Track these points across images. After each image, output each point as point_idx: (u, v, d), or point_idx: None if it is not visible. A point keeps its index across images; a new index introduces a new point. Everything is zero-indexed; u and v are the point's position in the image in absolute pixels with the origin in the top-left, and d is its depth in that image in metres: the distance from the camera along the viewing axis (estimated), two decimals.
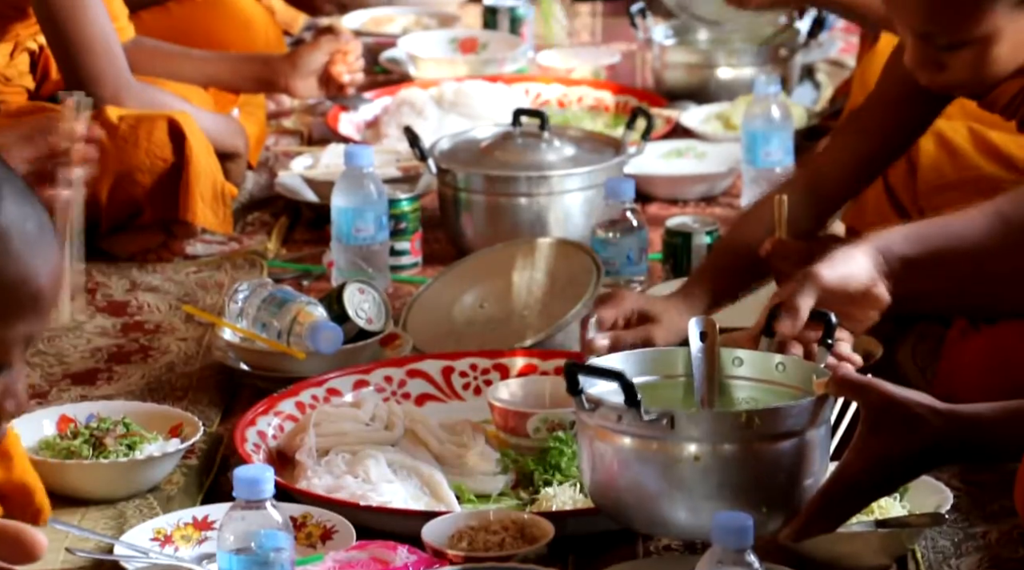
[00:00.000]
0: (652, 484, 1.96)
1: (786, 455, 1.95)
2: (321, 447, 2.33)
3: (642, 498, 1.97)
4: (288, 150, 3.62)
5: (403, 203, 3.03)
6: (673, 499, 1.96)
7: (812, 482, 1.97)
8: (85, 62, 3.04)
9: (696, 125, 3.62)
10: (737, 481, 1.94)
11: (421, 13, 4.42)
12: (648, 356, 2.13)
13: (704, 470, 1.94)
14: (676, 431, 1.94)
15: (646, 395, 1.97)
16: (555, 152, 3.07)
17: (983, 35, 2.25)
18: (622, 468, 1.97)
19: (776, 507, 1.97)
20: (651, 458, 1.95)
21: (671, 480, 1.95)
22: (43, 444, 2.33)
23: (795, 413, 1.95)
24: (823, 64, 4.02)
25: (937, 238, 2.08)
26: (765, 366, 2.08)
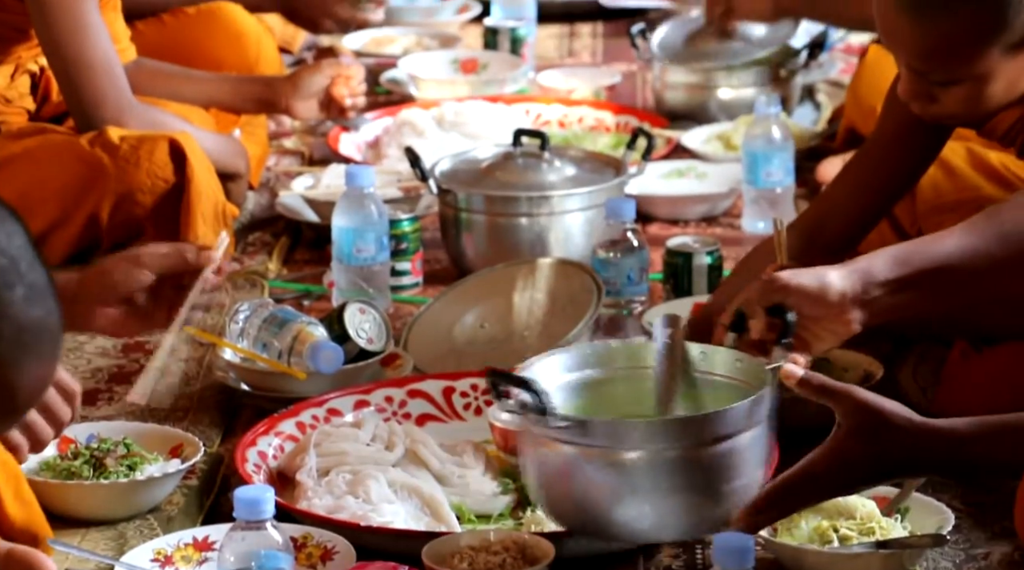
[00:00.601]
0: (570, 486, 2.00)
1: (710, 459, 1.97)
2: (322, 467, 2.33)
3: (565, 500, 2.02)
4: (289, 170, 3.63)
5: (404, 223, 3.03)
6: (595, 501, 1.99)
7: (743, 483, 1.99)
8: (87, 83, 3.04)
9: (697, 145, 3.63)
10: (655, 485, 1.97)
11: (422, 34, 4.43)
12: (624, 348, 2.17)
13: (622, 473, 1.97)
14: (589, 437, 1.97)
15: (615, 386, 2.04)
16: (556, 172, 3.07)
17: (977, 75, 2.27)
18: (547, 471, 2.03)
19: (701, 510, 1.98)
20: (566, 462, 2.00)
21: (588, 483, 1.99)
22: (44, 465, 2.33)
23: (715, 421, 1.97)
24: (823, 84, 4.03)
25: (921, 260, 2.08)
26: (726, 361, 2.10)
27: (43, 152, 3.07)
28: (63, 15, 3.00)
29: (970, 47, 2.26)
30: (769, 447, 2.05)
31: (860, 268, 2.07)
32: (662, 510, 1.99)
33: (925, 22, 2.26)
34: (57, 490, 2.27)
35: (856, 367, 2.56)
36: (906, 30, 2.28)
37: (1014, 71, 2.28)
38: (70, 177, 3.04)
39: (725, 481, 1.99)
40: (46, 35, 3.03)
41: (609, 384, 2.15)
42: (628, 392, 2.16)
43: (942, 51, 2.27)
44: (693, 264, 2.88)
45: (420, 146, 3.36)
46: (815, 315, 2.07)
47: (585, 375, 2.16)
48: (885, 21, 2.31)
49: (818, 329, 2.08)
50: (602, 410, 2.13)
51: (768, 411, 2.02)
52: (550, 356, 2.15)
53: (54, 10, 3.00)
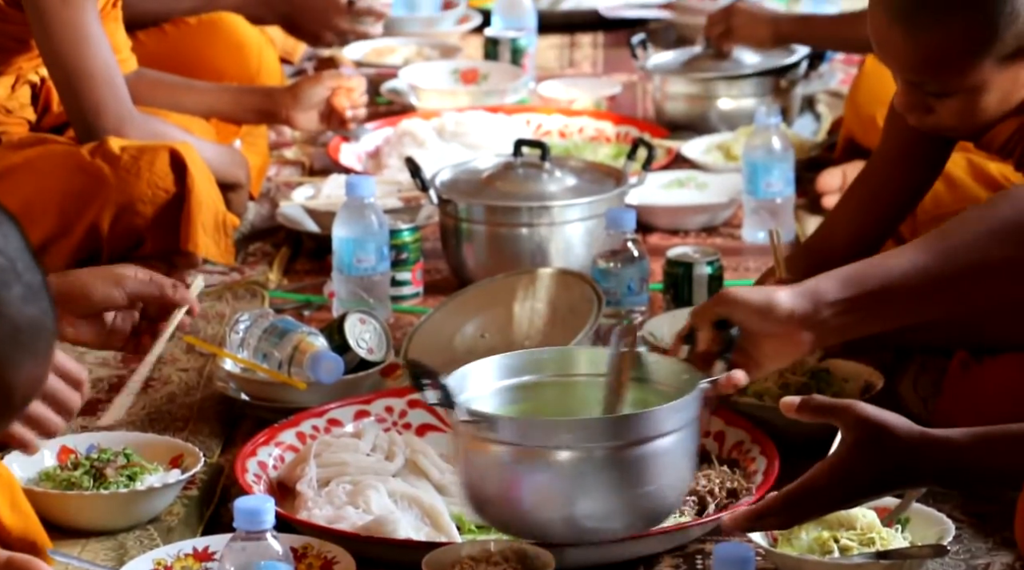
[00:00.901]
0: (479, 480, 2.05)
1: (620, 460, 1.99)
2: (322, 478, 2.33)
3: (475, 492, 2.06)
4: (290, 180, 3.63)
5: (404, 233, 3.03)
6: (510, 499, 2.02)
7: (656, 486, 2.01)
8: (87, 94, 3.05)
9: (697, 156, 3.63)
10: (564, 484, 1.99)
11: (423, 44, 4.43)
12: (559, 354, 2.20)
13: (525, 470, 2.00)
14: (498, 434, 2.01)
15: (550, 391, 2.08)
16: (556, 182, 3.07)
17: (971, 86, 2.28)
18: (463, 464, 2.08)
19: (615, 512, 2.01)
20: (474, 456, 2.05)
21: (496, 478, 2.02)
22: (43, 475, 2.33)
23: (623, 424, 2.00)
24: (823, 95, 4.03)
25: (870, 281, 2.07)
26: (672, 372, 2.11)
27: (44, 162, 3.07)
28: (64, 26, 3.00)
29: (962, 59, 2.27)
30: (694, 453, 2.06)
31: (809, 289, 2.06)
32: (572, 510, 2.01)
33: (917, 34, 2.27)
34: (57, 500, 2.26)
35: (857, 377, 2.56)
36: (899, 42, 2.29)
37: (1008, 82, 2.29)
38: (71, 187, 3.04)
39: (638, 484, 2.01)
40: (47, 46, 3.03)
41: (544, 389, 2.17)
42: (562, 397, 2.18)
43: (935, 63, 2.28)
44: (693, 274, 2.88)
45: (421, 156, 3.36)
46: (762, 332, 2.06)
47: (521, 380, 2.17)
48: (878, 34, 2.32)
49: (768, 348, 2.08)
50: (535, 414, 2.15)
51: (691, 419, 2.03)
52: (487, 361, 2.17)
53: (55, 21, 3.00)
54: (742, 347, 2.07)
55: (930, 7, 2.26)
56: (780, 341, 2.06)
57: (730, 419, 2.44)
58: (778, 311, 2.04)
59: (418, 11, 4.69)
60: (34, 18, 3.01)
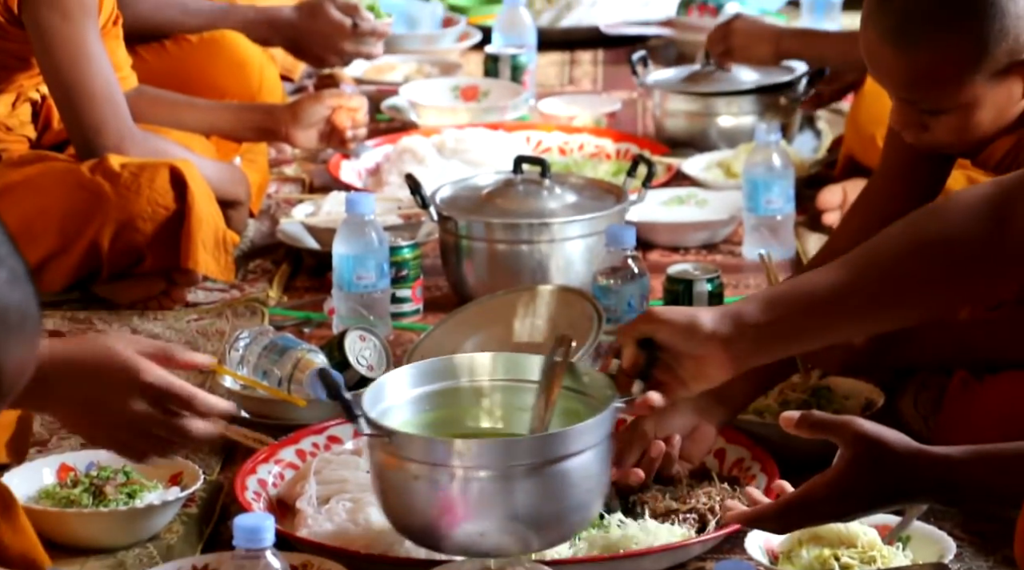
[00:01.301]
0: (387, 492, 2.05)
1: (520, 480, 1.99)
2: (322, 495, 2.32)
3: (385, 503, 2.07)
4: (290, 198, 3.63)
5: (404, 250, 3.03)
6: (411, 511, 2.03)
7: (557, 508, 2.00)
8: (88, 112, 3.05)
9: (697, 173, 3.63)
10: (469, 500, 1.99)
11: (423, 61, 4.44)
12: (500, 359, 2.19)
13: (424, 485, 1.99)
14: (397, 448, 2.01)
15: (465, 399, 2.09)
16: (556, 199, 3.07)
17: (963, 103, 2.28)
18: (372, 474, 2.09)
19: (506, 530, 2.00)
20: (379, 471, 2.05)
21: (401, 493, 2.02)
22: (43, 493, 2.33)
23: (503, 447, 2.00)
24: (824, 112, 4.03)
25: (788, 301, 2.06)
26: (599, 386, 2.10)
27: (44, 180, 3.07)
28: (64, 44, 3.00)
29: (954, 77, 2.27)
30: (604, 470, 2.06)
31: (731, 311, 2.06)
32: (473, 526, 2.01)
33: (908, 53, 2.28)
34: (56, 518, 2.26)
35: (857, 395, 2.56)
36: (890, 61, 2.30)
37: (1001, 98, 2.29)
38: (71, 205, 3.04)
39: (543, 503, 2.01)
40: (47, 64, 3.03)
41: (460, 395, 2.17)
42: (479, 403, 2.17)
43: (926, 81, 2.29)
44: (694, 291, 2.88)
45: (421, 173, 3.36)
46: (685, 352, 2.06)
47: (437, 387, 2.17)
48: (870, 52, 2.33)
49: (693, 368, 2.07)
50: (449, 423, 2.15)
51: (601, 438, 2.03)
52: (403, 369, 2.18)
53: (55, 39, 3.00)
54: (668, 367, 2.07)
55: (919, 26, 2.27)
56: (703, 362, 2.06)
57: (731, 436, 2.44)
58: (700, 331, 2.04)
59: (418, 28, 4.69)
60: (35, 36, 3.01)
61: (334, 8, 3.83)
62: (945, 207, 2.02)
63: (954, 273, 1.99)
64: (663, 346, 2.05)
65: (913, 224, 2.03)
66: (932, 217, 2.03)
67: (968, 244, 1.98)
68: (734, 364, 2.05)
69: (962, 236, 1.98)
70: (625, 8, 4.90)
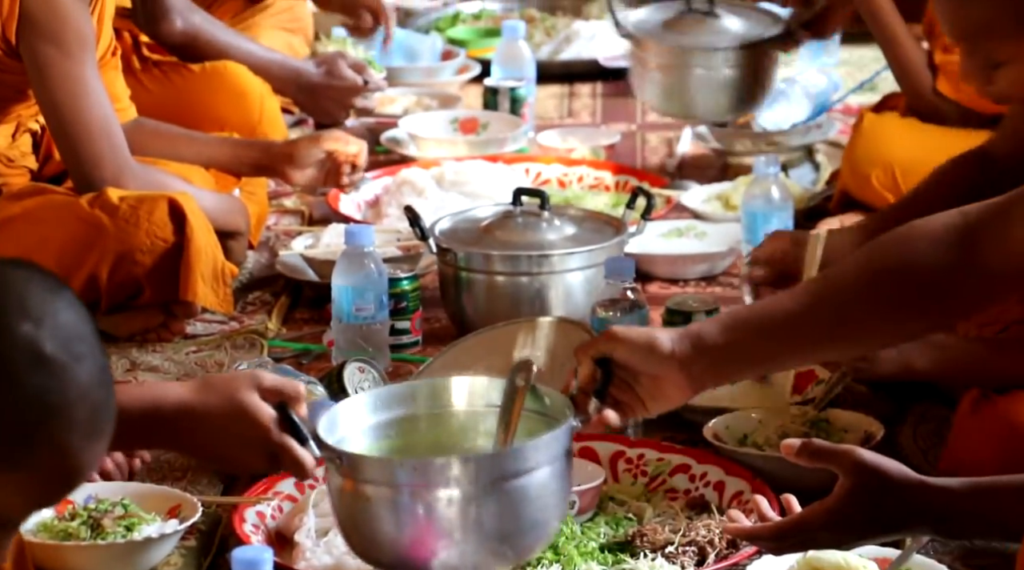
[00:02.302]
0: (343, 517, 2.04)
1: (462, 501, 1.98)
2: (320, 528, 2.32)
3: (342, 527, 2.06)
4: (289, 229, 3.63)
5: (403, 282, 3.03)
6: (361, 532, 2.02)
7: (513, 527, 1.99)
8: (85, 146, 3.05)
9: (696, 205, 3.63)
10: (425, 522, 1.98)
11: (422, 93, 4.44)
12: (430, 387, 2.18)
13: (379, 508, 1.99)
14: (354, 471, 2.00)
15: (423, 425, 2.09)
16: (555, 231, 3.07)
17: (1022, 55, 2.28)
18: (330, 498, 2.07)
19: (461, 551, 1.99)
20: (334, 495, 2.04)
21: (357, 514, 2.01)
22: (41, 526, 2.32)
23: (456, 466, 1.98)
24: (822, 145, 4.04)
25: (748, 323, 2.05)
26: (559, 407, 2.09)
27: (43, 212, 3.07)
28: (62, 78, 3.01)
29: (1010, 27, 2.27)
30: (561, 488, 2.04)
31: (691, 332, 2.06)
32: (426, 548, 2.00)
33: (966, 4, 2.29)
34: (54, 551, 2.25)
35: (856, 428, 2.56)
36: (949, 13, 2.31)
37: None
38: (70, 237, 3.04)
39: (498, 522, 1.99)
40: (45, 97, 3.04)
41: (418, 423, 2.15)
42: (437, 431, 2.17)
43: (984, 32, 2.29)
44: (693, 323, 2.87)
45: (420, 205, 3.37)
46: (643, 371, 2.05)
47: (394, 415, 2.16)
48: (934, 4, 2.35)
49: (652, 389, 2.06)
50: (408, 450, 2.14)
51: (557, 455, 2.02)
52: (359, 397, 2.17)
53: (53, 72, 3.01)
54: (627, 386, 2.06)
55: None
56: (661, 382, 2.05)
57: (730, 469, 2.44)
58: (659, 351, 2.03)
59: (418, 61, 4.70)
60: (32, 69, 3.02)
61: (346, 66, 3.95)
62: (908, 235, 2.01)
63: (914, 302, 1.99)
64: (622, 365, 2.04)
65: (875, 251, 2.02)
66: (895, 245, 2.01)
67: (931, 273, 1.97)
68: (691, 385, 2.04)
69: (925, 265, 1.97)
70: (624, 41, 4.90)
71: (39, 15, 2.98)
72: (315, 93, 4.03)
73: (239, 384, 2.07)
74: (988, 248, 1.95)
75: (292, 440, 2.06)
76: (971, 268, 1.96)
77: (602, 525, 2.36)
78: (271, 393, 2.08)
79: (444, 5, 5.28)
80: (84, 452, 1.46)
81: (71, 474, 1.47)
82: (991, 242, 1.95)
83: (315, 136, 3.53)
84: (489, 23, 5.14)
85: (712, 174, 3.90)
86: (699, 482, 2.46)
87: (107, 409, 1.47)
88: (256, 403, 2.06)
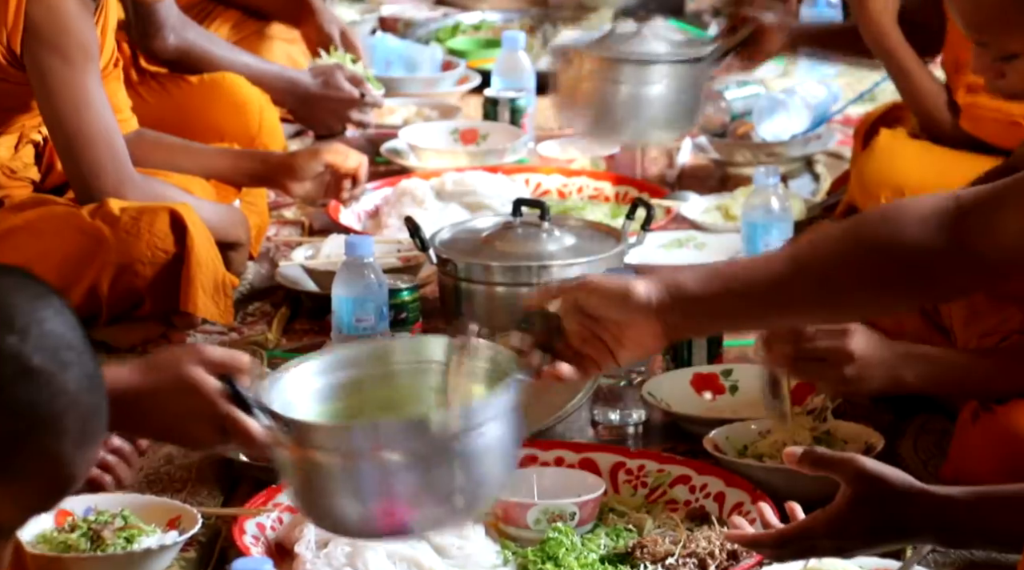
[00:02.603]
0: (292, 482, 2.01)
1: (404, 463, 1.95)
2: (320, 539, 2.32)
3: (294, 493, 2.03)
4: (289, 240, 3.63)
5: (404, 293, 3.03)
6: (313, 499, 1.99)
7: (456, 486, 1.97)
8: (87, 157, 3.05)
9: (696, 216, 3.63)
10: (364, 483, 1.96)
11: (422, 104, 4.45)
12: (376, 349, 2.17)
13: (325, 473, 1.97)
14: (302, 438, 1.98)
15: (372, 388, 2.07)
16: (555, 242, 3.07)
17: None
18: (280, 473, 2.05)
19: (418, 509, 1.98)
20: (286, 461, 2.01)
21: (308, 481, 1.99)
22: (40, 538, 2.32)
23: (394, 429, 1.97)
24: (822, 156, 4.04)
25: (729, 279, 2.03)
26: (505, 361, 2.08)
27: (44, 224, 3.07)
28: (65, 88, 3.01)
29: (1019, 18, 2.25)
30: (508, 446, 2.02)
31: (667, 279, 2.03)
32: (371, 508, 1.98)
33: None
34: (54, 563, 2.25)
35: (857, 439, 2.56)
36: (963, 4, 2.28)
37: None
38: (71, 248, 3.04)
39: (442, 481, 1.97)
40: (47, 108, 3.04)
41: (364, 384, 2.13)
42: (384, 391, 2.15)
43: (996, 23, 2.26)
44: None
45: (420, 216, 3.37)
46: (617, 319, 2.04)
47: (340, 378, 2.15)
48: None
49: (624, 338, 2.03)
50: (356, 411, 2.13)
51: (503, 411, 2.00)
52: (304, 363, 2.15)
53: (56, 83, 3.01)
54: (595, 338, 2.06)
55: None
56: (635, 330, 2.02)
57: (730, 480, 2.44)
58: (634, 298, 2.01)
59: (418, 72, 4.70)
60: (35, 79, 3.02)
61: (344, 78, 3.96)
62: (896, 214, 1.99)
63: (899, 281, 1.97)
64: (592, 315, 2.03)
65: (863, 226, 2.01)
66: (882, 222, 2.00)
67: (918, 254, 1.96)
68: (665, 333, 2.01)
69: (913, 245, 1.96)
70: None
71: (43, 26, 2.98)
72: (312, 104, 4.04)
73: (183, 359, 2.06)
74: (978, 234, 1.93)
75: (239, 411, 2.05)
76: (959, 253, 1.94)
77: (602, 536, 2.36)
78: (215, 366, 2.08)
79: (444, 16, 5.29)
80: (76, 459, 1.46)
81: (64, 481, 1.47)
82: (981, 228, 1.93)
83: (315, 149, 3.54)
84: (489, 34, 5.15)
85: (712, 185, 3.91)
86: (700, 493, 2.46)
87: (98, 415, 1.47)
88: (202, 376, 2.06)
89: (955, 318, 2.61)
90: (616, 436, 2.74)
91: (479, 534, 2.35)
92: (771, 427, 2.57)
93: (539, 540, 2.31)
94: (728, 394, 2.78)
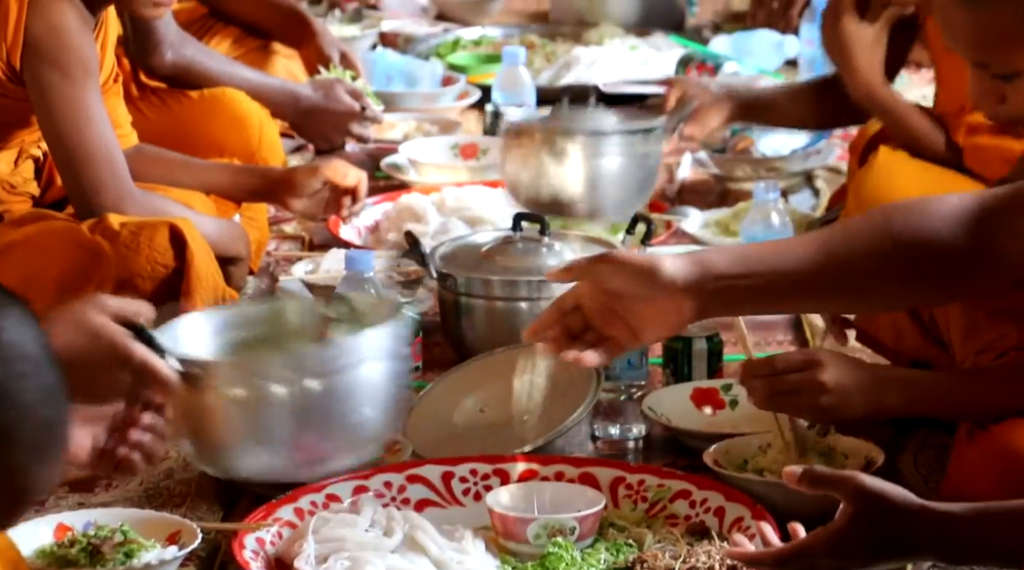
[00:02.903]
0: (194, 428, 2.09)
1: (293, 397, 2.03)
2: (320, 554, 2.32)
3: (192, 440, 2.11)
4: (289, 255, 3.63)
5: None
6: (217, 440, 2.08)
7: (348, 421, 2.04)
8: (87, 172, 3.06)
9: (696, 230, 3.63)
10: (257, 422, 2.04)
11: (422, 119, 4.45)
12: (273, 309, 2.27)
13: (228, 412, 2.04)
14: (215, 378, 2.05)
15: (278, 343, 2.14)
16: (555, 257, 3.07)
17: None
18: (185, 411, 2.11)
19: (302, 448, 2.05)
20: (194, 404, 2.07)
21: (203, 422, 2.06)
22: (40, 553, 2.32)
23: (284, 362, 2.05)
24: (822, 171, 4.04)
25: (758, 262, 2.04)
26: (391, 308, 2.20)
27: (43, 238, 3.07)
28: (65, 103, 3.01)
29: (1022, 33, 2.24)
30: (389, 382, 2.08)
31: (698, 258, 2.04)
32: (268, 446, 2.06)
33: (980, 12, 2.25)
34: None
35: (857, 454, 2.55)
36: (962, 21, 2.27)
37: None
38: (70, 263, 3.04)
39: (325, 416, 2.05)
40: (47, 123, 3.04)
41: (257, 344, 2.20)
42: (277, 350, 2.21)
43: (998, 41, 2.25)
44: (693, 349, 2.88)
45: (420, 231, 3.37)
46: (643, 296, 2.03)
47: (238, 336, 2.19)
48: (944, 14, 2.30)
49: (648, 313, 2.03)
50: None
51: (384, 351, 2.05)
52: (197, 318, 2.21)
53: (56, 98, 3.01)
54: (618, 318, 2.05)
55: None
56: (660, 308, 2.02)
57: (731, 495, 2.43)
58: (661, 275, 2.01)
59: (418, 87, 4.71)
60: (35, 94, 3.02)
61: (343, 91, 3.97)
62: (923, 210, 2.00)
63: (925, 277, 1.99)
64: (616, 293, 2.03)
65: (890, 220, 2.02)
66: (910, 216, 2.01)
67: (943, 252, 1.97)
68: (693, 311, 2.02)
69: (939, 243, 1.97)
70: (624, 67, 4.92)
71: (43, 41, 2.99)
72: (312, 116, 4.04)
73: (86, 311, 2.08)
74: (1001, 236, 1.95)
75: (152, 355, 2.07)
76: (984, 253, 1.96)
77: (602, 551, 2.36)
78: (116, 315, 2.09)
79: (444, 31, 5.29)
80: (31, 471, 1.43)
81: (19, 494, 1.44)
82: (1005, 230, 1.95)
83: (314, 166, 3.54)
84: (489, 49, 5.15)
85: (712, 200, 3.91)
86: (700, 508, 2.45)
87: (56, 427, 1.44)
88: (109, 324, 2.08)
89: (953, 332, 2.61)
90: (616, 451, 2.74)
91: (479, 549, 2.35)
92: (771, 442, 2.57)
93: (539, 555, 2.31)
94: (728, 409, 2.78)
